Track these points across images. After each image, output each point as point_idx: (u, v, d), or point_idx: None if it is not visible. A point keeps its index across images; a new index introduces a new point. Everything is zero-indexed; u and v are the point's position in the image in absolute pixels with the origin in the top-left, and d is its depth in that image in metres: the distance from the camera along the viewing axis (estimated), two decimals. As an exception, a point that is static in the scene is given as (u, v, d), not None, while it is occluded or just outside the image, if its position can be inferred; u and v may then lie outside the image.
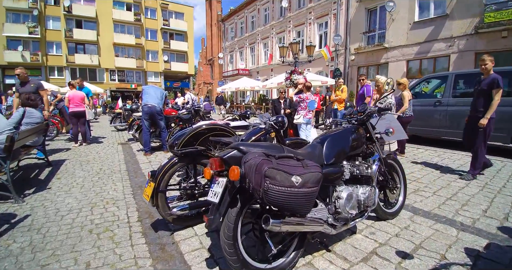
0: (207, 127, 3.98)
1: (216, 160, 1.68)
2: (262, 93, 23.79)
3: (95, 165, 5.09)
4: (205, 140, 3.96)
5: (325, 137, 2.16)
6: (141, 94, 6.11)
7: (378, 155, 2.44)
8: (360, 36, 16.62)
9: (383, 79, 4.17)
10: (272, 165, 1.44)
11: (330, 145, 2.06)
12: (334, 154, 2.05)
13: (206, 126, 3.98)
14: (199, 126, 3.97)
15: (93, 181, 4.09)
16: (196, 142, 3.91)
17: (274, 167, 1.44)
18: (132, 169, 4.81)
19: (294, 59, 11.74)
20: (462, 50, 12.74)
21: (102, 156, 5.85)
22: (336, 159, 2.06)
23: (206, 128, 3.96)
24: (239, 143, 1.79)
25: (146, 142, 5.89)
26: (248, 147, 1.71)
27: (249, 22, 27.10)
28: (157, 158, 5.69)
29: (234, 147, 1.75)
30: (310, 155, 1.94)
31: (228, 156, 1.69)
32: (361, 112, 2.49)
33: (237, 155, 1.68)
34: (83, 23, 31.19)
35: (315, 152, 2.00)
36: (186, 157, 2.45)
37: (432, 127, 6.76)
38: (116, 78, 33.38)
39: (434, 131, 6.78)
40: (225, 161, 1.68)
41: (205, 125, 4.01)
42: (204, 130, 3.95)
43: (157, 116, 5.87)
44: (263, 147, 1.72)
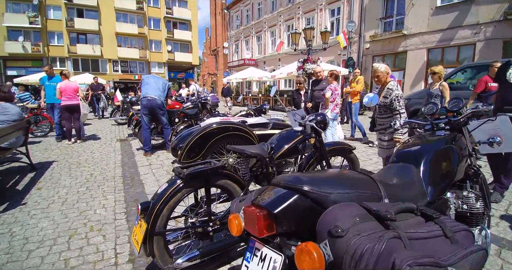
0: (218, 126, 3.17)
1: (261, 216, 0.87)
2: (270, 84, 22.81)
3: (86, 169, 4.34)
4: (216, 142, 3.17)
5: (415, 153, 1.35)
6: (140, 84, 5.30)
7: (477, 175, 1.61)
8: (376, 22, 15.51)
9: (383, 67, 3.23)
10: (414, 258, 0.62)
11: (432, 170, 1.25)
12: (438, 184, 1.24)
13: (218, 125, 3.18)
14: (209, 125, 3.18)
15: (79, 192, 3.34)
16: (205, 146, 3.12)
17: (419, 262, 0.62)
18: (129, 174, 4.05)
19: (308, 47, 10.78)
20: (489, 37, 11.73)
21: (96, 157, 5.10)
22: (439, 192, 1.25)
23: (217, 128, 3.16)
24: (296, 178, 0.97)
25: (146, 141, 5.12)
26: (322, 188, 0.90)
27: (255, 9, 25.87)
28: (158, 159, 4.93)
29: (291, 186, 0.93)
30: (407, 188, 1.13)
31: (284, 209, 0.87)
32: (454, 111, 1.66)
33: (301, 205, 0.88)
34: (85, 12, 30.25)
35: (412, 182, 1.18)
36: (194, 180, 1.66)
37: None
38: (119, 69, 32.59)
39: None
40: (277, 218, 0.89)
41: (216, 123, 3.20)
42: (215, 129, 3.15)
43: (158, 110, 5.08)
44: (344, 185, 0.92)
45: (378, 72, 3.27)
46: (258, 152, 1.91)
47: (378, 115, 3.45)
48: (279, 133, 2.37)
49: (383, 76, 3.28)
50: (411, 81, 14.47)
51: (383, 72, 3.27)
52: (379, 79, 3.32)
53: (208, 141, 3.12)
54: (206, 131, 3.10)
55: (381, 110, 3.36)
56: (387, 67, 3.32)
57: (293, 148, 2.14)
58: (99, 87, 12.03)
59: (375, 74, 3.31)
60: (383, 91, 3.34)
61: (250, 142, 3.36)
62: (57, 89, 6.08)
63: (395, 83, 3.29)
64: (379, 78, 3.30)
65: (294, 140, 2.15)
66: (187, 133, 3.53)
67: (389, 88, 3.23)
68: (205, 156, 3.18)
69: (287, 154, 2.10)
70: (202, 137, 3.09)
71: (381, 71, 3.26)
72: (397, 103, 3.14)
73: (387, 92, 3.25)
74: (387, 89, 3.26)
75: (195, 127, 3.64)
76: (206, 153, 3.16)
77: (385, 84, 3.31)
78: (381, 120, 3.42)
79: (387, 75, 3.32)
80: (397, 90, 3.19)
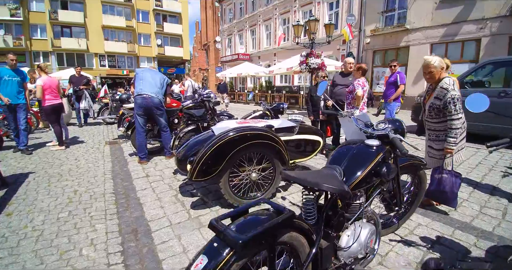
0: (239, 133, 2.49)
1: None
2: (268, 80, 22.08)
3: (69, 183, 3.59)
4: (237, 154, 2.49)
5: None
6: (133, 79, 4.54)
7: None
8: (377, 16, 14.97)
9: (437, 61, 2.60)
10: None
11: None
12: None
13: (237, 132, 2.49)
14: (225, 132, 2.49)
15: (59, 220, 2.62)
16: (223, 159, 2.44)
17: None
18: (122, 190, 3.33)
19: (311, 40, 10.12)
20: (495, 33, 11.36)
21: (82, 166, 4.34)
22: None
23: (238, 136, 2.48)
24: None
25: (141, 146, 4.39)
26: None
27: (249, 2, 24.96)
28: (156, 168, 4.21)
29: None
30: None
31: None
32: None
33: None
34: (69, 4, 28.85)
35: None
36: (256, 245, 0.99)
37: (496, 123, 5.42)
38: (107, 63, 31.29)
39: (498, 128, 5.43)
40: None
41: (235, 130, 2.51)
42: (235, 138, 2.47)
43: (155, 110, 4.35)
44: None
45: (431, 67, 2.62)
46: (340, 187, 1.25)
47: (428, 118, 2.83)
48: (339, 148, 1.71)
49: (437, 72, 2.64)
50: (413, 77, 14.05)
51: (437, 67, 2.62)
52: (432, 76, 2.67)
53: (226, 153, 2.44)
54: (224, 141, 2.41)
55: (432, 113, 2.75)
56: (441, 60, 2.66)
57: (372, 173, 1.49)
58: (81, 80, 8.26)
59: (427, 69, 2.65)
60: (434, 91, 2.72)
61: (279, 152, 2.71)
62: (38, 86, 5.20)
63: (451, 81, 2.65)
64: (432, 74, 2.65)
65: (373, 160, 1.50)
66: (197, 142, 2.83)
67: (444, 87, 2.59)
68: (223, 172, 2.50)
69: (364, 182, 1.46)
70: (219, 148, 2.40)
71: (435, 65, 2.61)
72: (453, 106, 2.52)
73: (440, 92, 2.62)
74: (440, 89, 2.62)
75: (206, 133, 2.94)
76: (224, 169, 2.48)
77: (438, 82, 2.68)
78: (431, 124, 2.82)
79: (442, 70, 2.68)
80: (453, 90, 2.56)
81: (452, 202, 2.72)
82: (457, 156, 2.84)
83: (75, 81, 8.25)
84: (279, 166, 2.82)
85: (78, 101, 8.20)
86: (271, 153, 2.72)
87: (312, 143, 3.33)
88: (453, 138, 2.59)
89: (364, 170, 1.47)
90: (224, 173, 2.52)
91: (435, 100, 2.66)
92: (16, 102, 5.00)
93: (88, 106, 8.19)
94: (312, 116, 4.70)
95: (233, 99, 20.30)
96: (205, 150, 2.39)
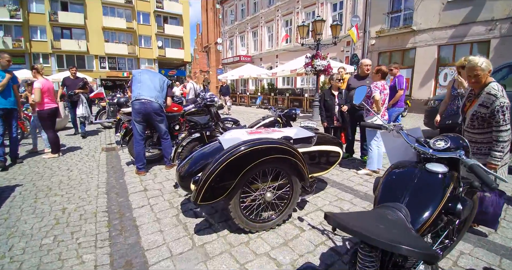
0: (252, 148, 2.11)
1: None
2: (270, 82, 21.73)
3: (58, 199, 3.21)
4: (249, 173, 2.12)
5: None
6: (130, 82, 4.13)
7: None
8: (383, 17, 14.67)
9: (484, 62, 2.23)
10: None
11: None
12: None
13: (250, 146, 2.12)
14: (236, 148, 2.11)
15: (42, 249, 2.24)
16: (234, 178, 2.06)
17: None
18: (117, 208, 2.95)
19: (317, 41, 9.77)
20: (505, 34, 11.06)
21: (74, 177, 3.96)
22: None
23: (250, 150, 2.10)
24: None
25: (139, 156, 4.00)
26: None
27: (251, 4, 24.67)
28: (155, 180, 3.83)
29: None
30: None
31: None
32: None
33: None
34: (69, 6, 28.63)
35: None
36: None
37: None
38: (107, 65, 31.05)
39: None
40: None
41: (248, 144, 2.14)
42: (247, 153, 2.09)
43: (155, 116, 3.98)
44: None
45: (478, 69, 2.24)
46: (427, 249, 0.86)
47: (469, 128, 2.46)
48: (391, 174, 1.33)
49: (484, 75, 2.27)
50: (420, 80, 13.73)
51: (485, 70, 2.25)
52: (478, 80, 2.29)
53: (238, 172, 2.06)
54: (235, 157, 2.04)
55: (475, 122, 2.37)
56: (488, 62, 2.29)
57: (441, 212, 1.10)
58: (77, 83, 6.91)
59: (473, 72, 2.27)
60: (478, 97, 2.35)
61: (297, 167, 2.33)
62: (36, 89, 4.79)
63: (499, 86, 2.28)
64: (478, 78, 2.28)
65: (443, 194, 1.10)
66: (202, 155, 2.45)
67: (492, 93, 2.22)
68: (233, 193, 2.13)
69: (433, 225, 1.07)
70: (229, 166, 2.03)
71: (482, 68, 2.24)
72: (502, 115, 2.16)
73: (487, 99, 2.24)
74: (487, 95, 2.25)
75: (212, 144, 2.56)
76: (234, 190, 2.10)
77: (484, 87, 2.31)
78: (473, 135, 2.44)
79: (488, 74, 2.31)
80: (503, 97, 2.19)
81: (493, 224, 2.37)
82: (501, 171, 2.46)
83: (70, 84, 6.87)
84: (297, 183, 2.44)
85: (74, 107, 6.92)
86: (288, 168, 2.34)
87: (331, 154, 2.96)
88: (499, 152, 2.22)
89: (433, 209, 1.09)
90: (234, 195, 2.14)
91: (480, 107, 2.29)
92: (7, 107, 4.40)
93: (86, 113, 6.88)
94: (325, 122, 4.33)
95: (235, 102, 19.94)
96: (212, 168, 2.01)
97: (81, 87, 6.96)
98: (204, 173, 2.05)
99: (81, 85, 6.95)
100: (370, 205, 3.04)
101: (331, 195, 3.30)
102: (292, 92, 18.48)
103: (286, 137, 2.42)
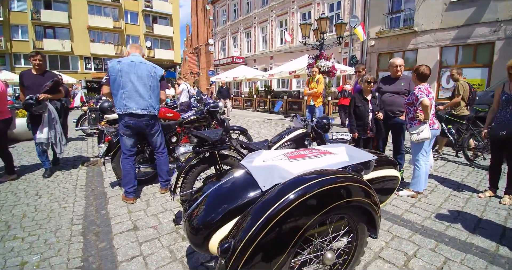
0: (316, 190, 1.30)
1: None
2: (266, 84, 20.98)
3: (17, 245, 2.33)
4: (305, 232, 1.30)
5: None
6: (106, 79, 3.03)
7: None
8: (382, 17, 14.20)
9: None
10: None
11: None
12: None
13: (312, 187, 1.31)
14: (294, 194, 1.29)
15: None
16: (285, 248, 1.24)
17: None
18: (96, 260, 2.09)
19: (321, 40, 9.08)
20: (510, 36, 10.70)
21: (43, 208, 3.05)
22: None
23: (313, 195, 1.29)
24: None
25: (128, 176, 3.13)
26: None
27: (243, 3, 23.94)
28: (149, 210, 2.96)
29: None
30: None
31: None
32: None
33: None
34: (53, 4, 27.34)
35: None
36: None
37: None
38: (92, 66, 29.77)
39: None
40: None
41: (308, 186, 1.32)
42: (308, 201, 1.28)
43: (149, 129, 3.14)
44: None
45: None
46: None
47: None
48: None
49: None
50: (422, 82, 13.26)
51: None
52: None
53: (294, 232, 1.25)
54: (291, 208, 1.23)
55: None
56: None
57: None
58: (42, 82, 4.01)
59: None
60: None
61: (372, 212, 1.54)
62: None
63: None
64: None
65: None
66: (223, 193, 1.62)
67: None
68: (284, 263, 1.31)
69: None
70: (281, 224, 1.22)
71: None
72: None
73: None
74: None
75: (234, 174, 1.73)
76: (286, 259, 1.29)
77: None
78: None
79: None
80: None
81: None
82: None
83: (31, 83, 3.99)
84: (364, 232, 1.65)
85: (35, 125, 3.93)
86: (357, 213, 1.55)
87: (390, 180, 2.19)
88: None
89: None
90: (284, 264, 1.33)
91: None
92: None
93: (53, 136, 3.97)
94: (356, 132, 3.58)
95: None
96: (253, 230, 1.20)
97: (51, 89, 4.00)
98: (238, 238, 1.23)
99: (49, 86, 3.98)
100: (438, 245, 2.30)
101: (382, 230, 2.53)
102: (289, 95, 17.78)
103: (355, 167, 1.63)
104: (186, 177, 2.39)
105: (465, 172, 4.38)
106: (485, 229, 2.61)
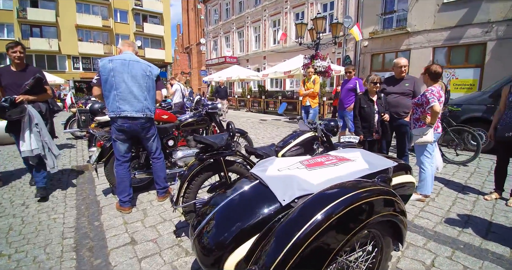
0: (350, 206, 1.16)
1: None
2: (260, 84, 20.80)
3: (3, 265, 2.11)
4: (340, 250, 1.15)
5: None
6: (97, 80, 2.77)
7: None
8: (376, 18, 14.24)
9: None
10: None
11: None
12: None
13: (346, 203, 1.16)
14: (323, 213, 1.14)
15: None
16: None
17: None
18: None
19: (317, 40, 9.00)
20: (502, 37, 10.85)
21: (31, 220, 2.82)
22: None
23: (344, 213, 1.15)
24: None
25: (123, 184, 2.93)
26: None
27: (236, 3, 23.75)
28: (146, 220, 2.78)
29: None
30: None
31: None
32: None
33: None
34: (40, 2, 26.61)
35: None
36: None
37: None
38: (81, 66, 29.02)
39: None
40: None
41: (339, 199, 1.18)
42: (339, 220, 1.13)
43: (144, 133, 2.95)
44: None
45: None
46: None
47: None
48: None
49: None
50: (415, 82, 13.36)
51: None
52: None
53: (322, 260, 1.10)
54: (322, 228, 1.08)
55: None
56: None
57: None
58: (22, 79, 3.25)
59: None
60: None
61: (400, 225, 1.41)
62: None
63: None
64: None
65: None
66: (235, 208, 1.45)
67: None
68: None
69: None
70: (310, 247, 1.07)
71: None
72: None
73: None
74: None
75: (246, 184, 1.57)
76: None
77: None
78: None
79: None
80: None
81: None
82: None
83: (11, 82, 3.27)
84: (389, 246, 1.52)
85: (16, 132, 3.17)
86: (383, 227, 1.42)
87: (406, 186, 2.08)
88: None
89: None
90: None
91: None
92: None
93: (40, 146, 3.16)
94: (361, 134, 3.47)
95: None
96: (279, 258, 1.04)
97: (32, 88, 3.23)
98: (263, 264, 1.07)
99: (31, 84, 3.20)
100: (454, 252, 2.20)
101: (395, 239, 2.41)
102: (283, 95, 17.69)
103: (383, 178, 1.49)
104: (189, 186, 2.22)
105: (467, 173, 4.34)
106: (496, 233, 2.54)
